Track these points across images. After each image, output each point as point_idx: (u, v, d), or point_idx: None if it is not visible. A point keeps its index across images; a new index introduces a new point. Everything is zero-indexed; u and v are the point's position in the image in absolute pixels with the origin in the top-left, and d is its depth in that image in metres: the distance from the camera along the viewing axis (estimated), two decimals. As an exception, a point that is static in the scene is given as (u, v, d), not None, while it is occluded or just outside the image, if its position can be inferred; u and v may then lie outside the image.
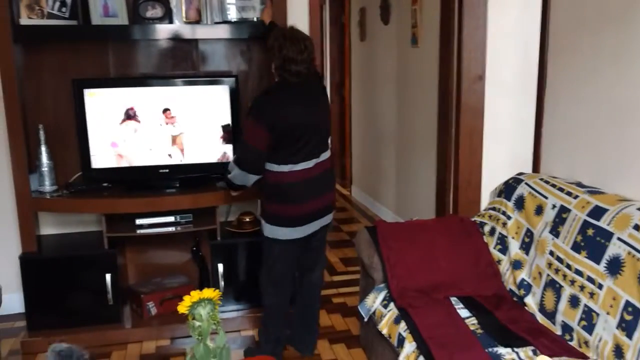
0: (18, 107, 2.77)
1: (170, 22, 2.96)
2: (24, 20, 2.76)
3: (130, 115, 2.88)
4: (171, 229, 2.96)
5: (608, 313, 1.88)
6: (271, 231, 2.54)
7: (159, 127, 2.92)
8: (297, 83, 2.45)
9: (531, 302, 2.27)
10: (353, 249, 4.28)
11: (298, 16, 3.09)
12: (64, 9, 2.83)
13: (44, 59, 2.98)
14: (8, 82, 2.73)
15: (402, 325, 2.18)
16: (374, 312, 2.43)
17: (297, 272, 2.76)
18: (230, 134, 2.94)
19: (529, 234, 2.41)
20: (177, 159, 2.96)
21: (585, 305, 1.98)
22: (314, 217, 2.55)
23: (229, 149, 2.99)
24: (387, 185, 4.88)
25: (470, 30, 3.16)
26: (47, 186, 2.91)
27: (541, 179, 2.52)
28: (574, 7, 2.62)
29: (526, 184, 2.55)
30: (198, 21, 2.99)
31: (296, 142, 2.44)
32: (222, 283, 3.01)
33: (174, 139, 2.94)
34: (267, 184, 2.51)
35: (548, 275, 2.21)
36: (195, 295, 1.67)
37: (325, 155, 2.58)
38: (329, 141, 2.65)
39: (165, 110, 2.90)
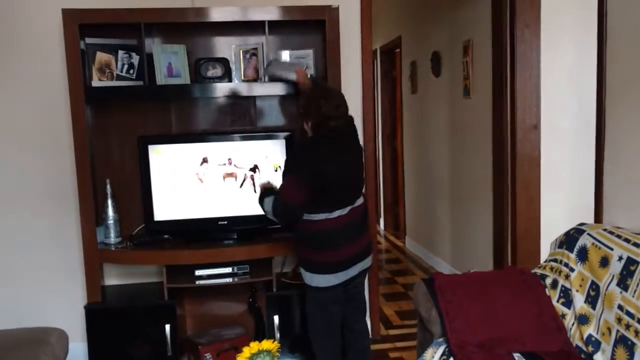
0: (87, 163, 2.93)
1: (230, 80, 3.10)
2: (96, 83, 2.95)
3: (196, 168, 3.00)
4: (229, 279, 3.01)
5: (686, 372, 1.77)
6: (311, 279, 2.57)
7: (219, 180, 3.02)
8: (336, 138, 2.52)
9: (601, 360, 2.16)
10: (408, 301, 4.23)
11: (351, 70, 3.20)
12: (131, 71, 3.01)
13: (112, 118, 3.17)
14: (80, 139, 2.91)
15: (464, 381, 2.11)
16: (433, 368, 2.36)
17: (343, 327, 2.73)
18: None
19: (595, 286, 2.32)
20: (235, 211, 3.03)
21: (661, 364, 1.87)
22: (352, 262, 2.59)
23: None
24: (442, 236, 4.81)
25: (523, 79, 3.17)
26: (112, 238, 3.03)
27: (605, 230, 2.44)
28: (632, 52, 2.60)
29: (589, 234, 2.47)
30: (255, 79, 3.12)
31: (333, 194, 2.50)
32: (277, 334, 3.01)
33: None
34: (303, 232, 2.57)
35: (618, 331, 2.10)
36: (255, 346, 1.69)
37: (359, 201, 2.62)
38: (363, 188, 2.71)
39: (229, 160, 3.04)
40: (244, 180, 3.04)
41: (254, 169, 3.05)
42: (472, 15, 3.97)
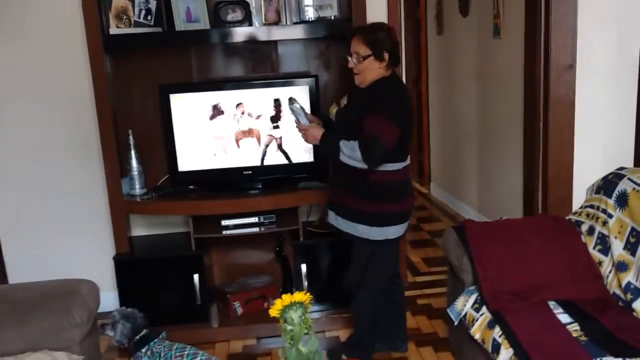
0: (109, 113, 2.88)
1: (250, 24, 2.98)
2: (113, 30, 2.86)
3: (216, 113, 2.93)
4: (255, 229, 2.99)
5: None
6: (380, 232, 2.46)
7: (243, 128, 2.95)
8: (396, 76, 2.45)
9: (640, 308, 2.10)
10: (435, 248, 4.20)
11: (377, 12, 3.05)
12: (149, 17, 2.91)
13: (132, 66, 3.09)
14: (100, 90, 2.84)
15: (497, 330, 2.08)
16: (464, 316, 2.34)
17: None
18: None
19: (635, 233, 2.23)
20: (259, 161, 2.98)
21: None
22: (410, 214, 2.57)
23: (309, 150, 2.98)
24: (469, 183, 4.72)
25: (559, 15, 3.00)
26: (137, 189, 3.01)
27: (646, 174, 2.33)
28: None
29: (629, 179, 2.37)
30: (277, 22, 3.00)
31: (409, 138, 2.46)
32: (305, 283, 3.00)
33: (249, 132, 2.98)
34: (378, 184, 2.42)
35: (659, 278, 2.04)
36: (287, 298, 1.65)
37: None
38: None
39: (239, 105, 2.94)
40: (266, 146, 2.98)
41: (276, 118, 2.96)
42: (504, -52, 3.74)
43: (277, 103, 2.95)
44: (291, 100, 2.53)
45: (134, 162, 2.99)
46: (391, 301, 2.73)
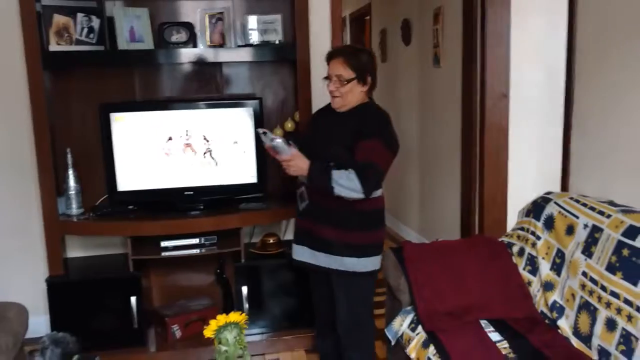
0: (47, 131, 2.81)
1: (194, 46, 2.99)
2: (53, 47, 2.81)
3: (158, 133, 2.91)
4: (196, 251, 2.96)
5: (647, 337, 1.82)
6: (369, 263, 2.37)
7: (184, 149, 2.94)
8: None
9: (565, 325, 2.20)
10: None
11: (321, 37, 3.11)
12: (91, 35, 2.88)
13: (72, 84, 3.04)
14: (37, 107, 2.78)
15: (432, 349, 2.13)
16: (401, 336, 2.38)
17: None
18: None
19: (560, 254, 2.35)
20: (201, 181, 2.97)
21: (623, 329, 1.91)
22: None
23: (252, 171, 2.99)
24: (411, 206, 4.83)
25: (493, 47, 3.14)
26: (74, 209, 2.94)
27: (571, 198, 2.47)
28: (602, 23, 2.59)
29: (555, 203, 2.50)
30: (222, 45, 3.02)
31: None
32: (246, 305, 2.99)
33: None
34: (370, 212, 2.37)
35: (582, 297, 2.14)
36: (222, 319, 1.65)
37: None
38: None
39: (181, 125, 2.92)
40: (205, 153, 2.96)
41: (207, 140, 2.94)
42: (443, -18, 3.92)
43: (206, 142, 2.93)
44: (266, 135, 2.26)
45: (72, 181, 2.92)
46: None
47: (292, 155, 2.26)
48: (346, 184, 2.18)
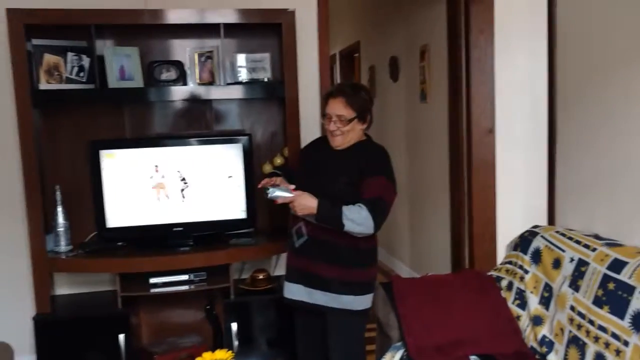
0: (36, 168, 2.82)
1: (184, 84, 3.04)
2: (43, 85, 2.84)
3: (147, 170, 2.93)
4: (185, 287, 2.94)
5: (635, 371, 1.82)
6: (366, 301, 2.38)
7: (174, 185, 2.95)
8: None
9: (554, 360, 2.19)
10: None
11: (309, 75, 3.17)
12: (81, 74, 2.92)
13: (62, 122, 3.06)
14: (26, 144, 2.79)
15: (421, 385, 2.12)
16: (391, 372, 2.36)
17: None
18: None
19: (548, 288, 2.36)
20: (190, 217, 2.97)
21: (611, 363, 1.91)
22: None
23: (242, 206, 3.01)
24: (402, 240, 4.84)
25: (478, 84, 3.21)
26: (63, 246, 2.92)
27: (557, 232, 2.49)
28: (581, 59, 2.67)
29: (542, 237, 2.52)
30: (211, 83, 3.07)
31: None
32: (235, 342, 2.95)
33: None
34: (368, 249, 2.40)
35: (570, 331, 2.14)
36: (207, 357, 1.64)
37: None
38: None
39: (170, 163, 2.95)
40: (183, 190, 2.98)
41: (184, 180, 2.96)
42: (429, 21, 4.01)
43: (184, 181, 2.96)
44: (266, 191, 2.31)
45: (60, 218, 2.92)
46: None
47: (295, 196, 2.27)
48: (357, 219, 2.20)
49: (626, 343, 1.88)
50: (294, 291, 2.44)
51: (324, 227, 2.27)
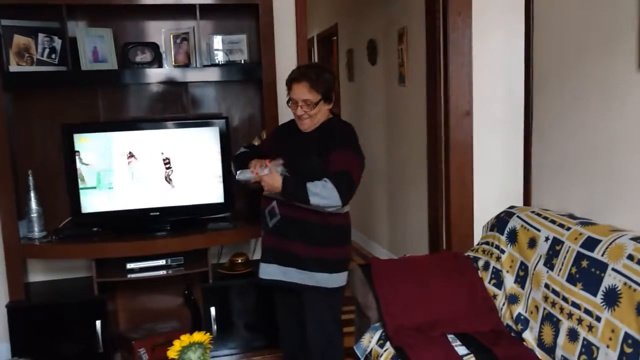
0: (7, 153, 2.76)
1: (160, 66, 2.99)
2: (14, 67, 2.77)
3: (123, 154, 2.88)
4: (162, 272, 2.92)
5: (608, 346, 1.85)
6: (340, 279, 2.40)
7: (149, 169, 2.92)
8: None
9: (529, 337, 2.23)
10: (347, 288, 4.24)
11: (287, 57, 3.14)
12: (53, 56, 2.85)
13: (34, 105, 2.99)
14: (-3, 128, 2.73)
15: (399, 364, 2.14)
16: (370, 352, 2.38)
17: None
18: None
19: (524, 267, 2.39)
20: (167, 202, 2.94)
21: (585, 339, 1.95)
22: None
23: (219, 190, 2.98)
24: (380, 223, 4.87)
25: (455, 67, 3.22)
26: (36, 232, 2.87)
27: (533, 212, 2.52)
28: (557, 41, 2.69)
29: (518, 217, 2.55)
30: (187, 65, 3.03)
31: None
32: (214, 327, 2.95)
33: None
34: (339, 227, 2.41)
35: (545, 309, 2.18)
36: (186, 339, 1.64)
37: None
38: None
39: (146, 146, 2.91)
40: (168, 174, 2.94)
41: (168, 161, 2.93)
42: (407, 3, 4.00)
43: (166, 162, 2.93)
44: (239, 174, 2.39)
45: (33, 204, 2.86)
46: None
47: (263, 175, 2.31)
48: (323, 192, 2.21)
49: (598, 319, 1.92)
50: (270, 271, 2.44)
51: (296, 205, 2.29)
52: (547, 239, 2.30)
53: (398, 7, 4.20)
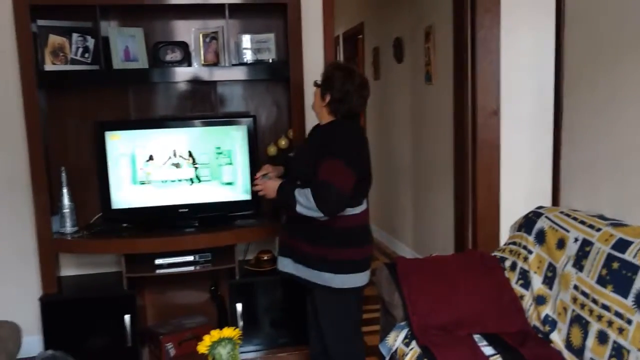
0: (41, 150, 2.83)
1: (189, 65, 3.03)
2: (49, 67, 2.84)
3: (151, 157, 2.93)
4: (190, 268, 2.96)
5: (639, 349, 1.83)
6: (347, 280, 2.33)
7: (178, 167, 2.96)
8: (354, 120, 2.36)
9: (557, 339, 2.21)
10: (371, 287, 4.24)
11: (314, 56, 3.15)
12: (86, 55, 2.91)
13: (67, 103, 3.06)
14: (32, 126, 2.80)
15: (425, 363, 2.14)
16: (395, 351, 2.38)
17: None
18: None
19: (552, 268, 2.37)
20: (196, 198, 2.98)
21: (615, 342, 1.92)
22: (371, 261, 2.48)
23: (246, 187, 3.02)
24: (405, 222, 4.85)
25: (483, 65, 3.19)
26: (68, 227, 2.94)
27: (561, 212, 2.49)
28: (589, 39, 2.64)
29: (546, 217, 2.52)
30: (216, 64, 3.06)
31: (367, 183, 2.39)
32: (240, 323, 2.98)
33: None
34: (340, 229, 2.31)
35: (573, 310, 2.16)
36: (216, 334, 1.66)
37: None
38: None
39: (175, 143, 2.96)
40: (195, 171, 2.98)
41: (191, 157, 2.96)
42: (434, 1, 3.98)
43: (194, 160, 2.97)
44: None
45: (66, 200, 2.93)
46: None
47: (261, 185, 2.42)
48: (305, 203, 2.19)
49: (629, 321, 1.89)
50: (285, 264, 2.47)
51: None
52: (576, 240, 2.27)
53: (425, 5, 4.18)
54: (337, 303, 2.40)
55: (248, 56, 3.09)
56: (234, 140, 3.00)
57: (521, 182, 3.23)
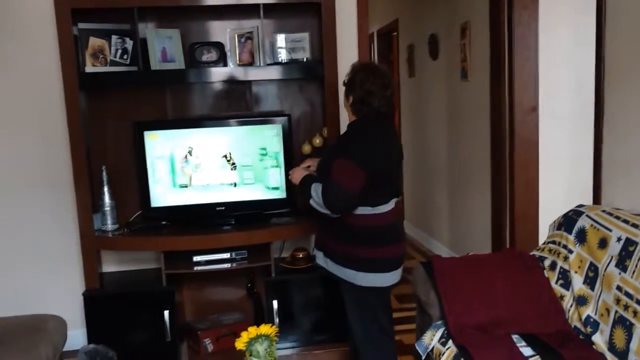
0: (83, 150, 2.91)
1: (225, 65, 3.07)
2: (89, 68, 2.92)
3: (188, 155, 2.98)
4: (227, 265, 3.00)
5: (685, 352, 1.77)
6: (366, 279, 2.35)
7: (216, 166, 3.00)
8: (378, 120, 2.34)
9: (599, 341, 2.16)
10: (408, 285, 4.21)
11: (349, 54, 3.15)
12: (125, 56, 2.98)
13: (107, 104, 3.14)
14: (74, 126, 2.88)
15: (462, 363, 2.12)
16: (431, 350, 2.37)
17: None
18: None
19: (593, 268, 2.32)
20: (233, 197, 3.02)
21: (659, 344, 1.87)
22: (401, 262, 2.46)
23: (281, 186, 3.04)
24: (441, 220, 4.81)
25: (521, 61, 3.14)
26: (109, 225, 3.02)
27: (603, 211, 2.43)
28: (632, 34, 2.57)
29: (587, 216, 2.47)
30: (251, 63, 3.09)
31: (388, 183, 2.38)
32: (276, 320, 3.01)
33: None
34: (360, 228, 2.33)
35: (617, 312, 2.10)
36: (253, 331, 1.69)
37: (397, 198, 2.50)
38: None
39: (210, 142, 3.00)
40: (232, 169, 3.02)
41: (232, 157, 3.00)
42: (470, -3, 3.93)
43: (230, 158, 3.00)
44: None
45: (107, 198, 3.01)
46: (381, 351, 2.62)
47: (291, 171, 2.58)
48: (316, 198, 2.29)
49: (676, 324, 1.84)
50: (319, 257, 2.53)
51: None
52: (619, 239, 2.21)
53: (461, 1, 4.13)
54: (358, 299, 2.43)
55: (282, 55, 3.11)
56: (269, 138, 3.02)
57: (560, 180, 3.17)
